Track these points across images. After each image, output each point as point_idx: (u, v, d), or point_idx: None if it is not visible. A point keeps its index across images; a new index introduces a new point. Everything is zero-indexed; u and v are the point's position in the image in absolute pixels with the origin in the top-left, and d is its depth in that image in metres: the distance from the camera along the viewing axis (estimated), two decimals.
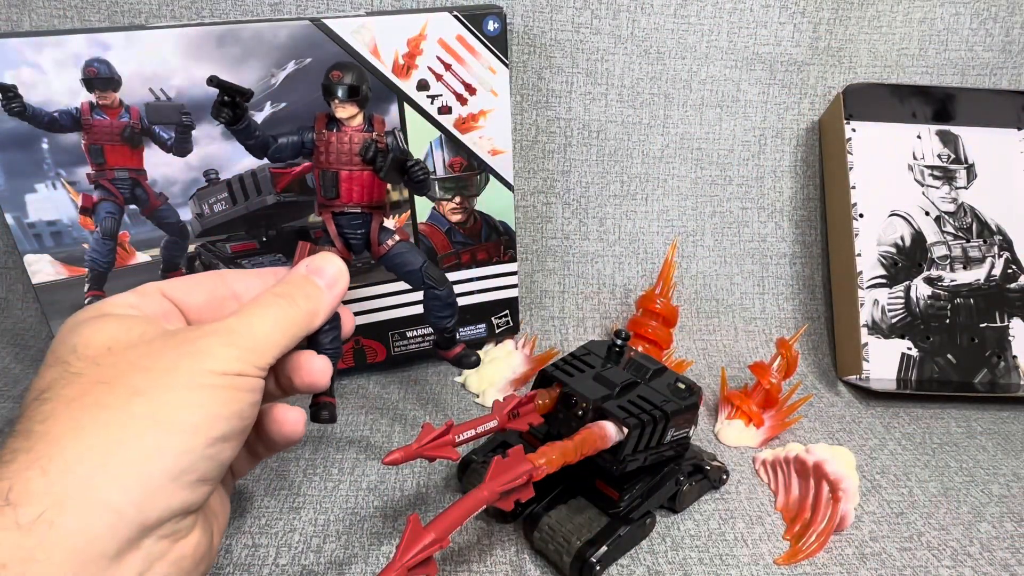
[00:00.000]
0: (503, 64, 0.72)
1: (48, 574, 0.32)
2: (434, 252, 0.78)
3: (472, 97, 0.73)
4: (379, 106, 0.70)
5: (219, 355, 0.40)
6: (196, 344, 0.40)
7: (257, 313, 0.44)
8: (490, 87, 0.73)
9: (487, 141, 0.75)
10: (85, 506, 0.34)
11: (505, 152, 0.77)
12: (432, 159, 0.74)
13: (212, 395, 0.39)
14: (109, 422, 0.36)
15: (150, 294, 0.46)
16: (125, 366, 0.39)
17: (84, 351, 0.39)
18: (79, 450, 0.35)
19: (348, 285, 0.50)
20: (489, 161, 0.77)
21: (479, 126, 0.74)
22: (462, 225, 0.78)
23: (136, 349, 0.40)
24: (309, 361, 0.48)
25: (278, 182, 0.70)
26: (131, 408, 0.37)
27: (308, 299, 0.47)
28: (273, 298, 0.45)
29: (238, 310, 0.44)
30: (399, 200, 0.75)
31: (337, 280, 0.49)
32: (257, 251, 0.72)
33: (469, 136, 0.74)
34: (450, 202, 0.77)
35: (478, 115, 0.74)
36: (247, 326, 0.43)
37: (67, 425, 0.36)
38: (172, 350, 0.40)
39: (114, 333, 0.41)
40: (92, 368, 0.39)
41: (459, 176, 0.76)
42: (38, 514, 0.33)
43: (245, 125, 0.53)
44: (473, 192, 0.77)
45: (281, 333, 0.44)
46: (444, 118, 0.73)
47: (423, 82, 0.70)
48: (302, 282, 0.48)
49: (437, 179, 0.75)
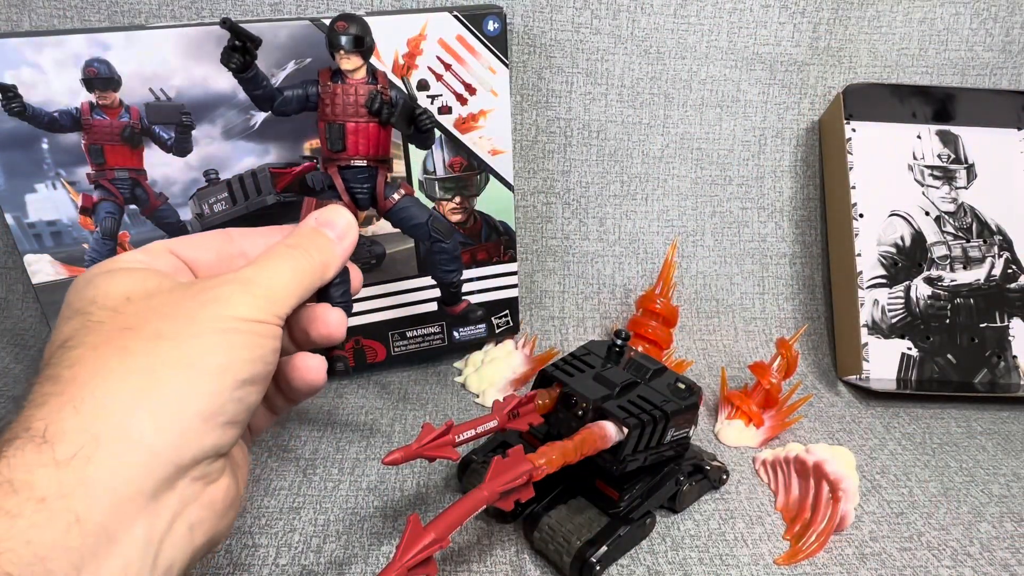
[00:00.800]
0: (503, 64, 0.72)
1: (87, 509, 0.32)
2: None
3: (472, 97, 0.73)
4: None
5: (239, 302, 0.40)
6: (214, 292, 0.41)
7: (272, 264, 0.44)
8: (490, 87, 0.73)
9: (487, 141, 0.75)
10: (121, 444, 0.34)
11: (505, 152, 0.77)
12: (432, 159, 0.74)
13: (236, 339, 0.39)
14: (137, 365, 0.36)
15: (158, 252, 0.46)
16: (147, 313, 0.39)
17: (104, 301, 0.40)
18: (110, 392, 0.35)
19: (357, 237, 0.51)
20: (489, 161, 0.77)
21: (479, 126, 0.74)
22: (462, 225, 0.78)
23: (155, 298, 0.40)
24: (325, 313, 0.49)
25: (278, 182, 0.70)
26: (158, 352, 0.37)
27: (320, 250, 0.47)
28: (286, 249, 0.46)
29: (252, 261, 0.44)
30: None
31: (347, 232, 0.50)
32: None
33: (469, 136, 0.74)
34: (450, 202, 0.77)
35: (478, 115, 0.74)
36: (263, 276, 0.43)
37: (96, 369, 0.36)
38: (191, 299, 0.40)
39: (130, 285, 0.41)
40: (114, 316, 0.39)
41: (459, 176, 0.76)
42: (75, 451, 0.33)
43: (253, 74, 0.53)
44: (473, 192, 0.77)
45: (297, 283, 0.44)
46: (444, 118, 0.73)
47: (423, 82, 0.70)
48: (313, 234, 0.48)
49: (437, 179, 0.75)
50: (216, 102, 0.65)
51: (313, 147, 0.70)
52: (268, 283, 0.43)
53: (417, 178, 0.75)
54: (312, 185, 0.71)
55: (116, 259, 0.44)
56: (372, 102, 0.52)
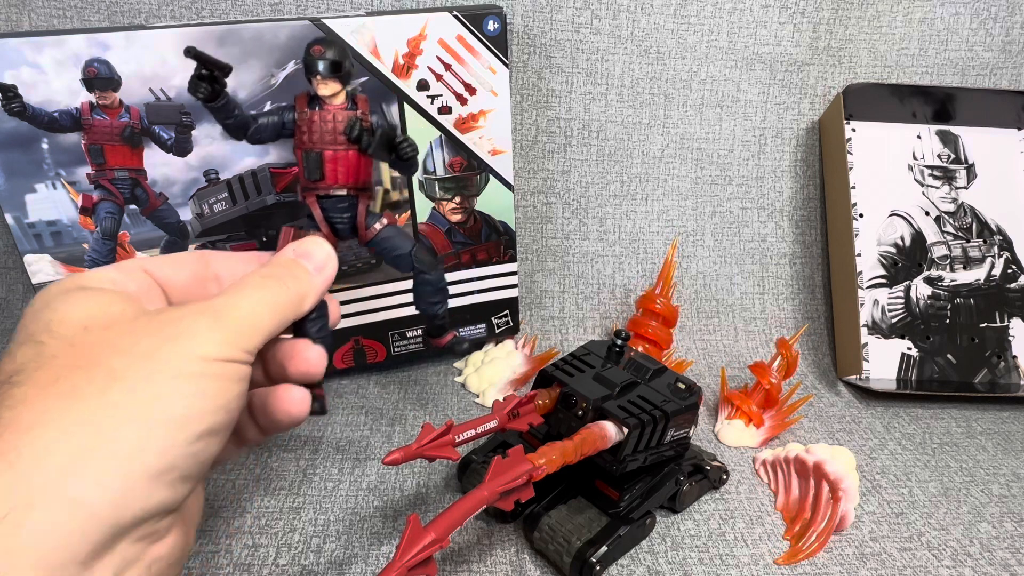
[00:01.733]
0: (503, 64, 0.72)
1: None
2: (434, 252, 0.78)
3: (472, 97, 0.73)
4: (379, 106, 0.70)
5: (205, 338, 0.37)
6: (180, 325, 0.37)
7: (245, 294, 0.41)
8: (490, 87, 0.73)
9: (487, 141, 0.75)
10: (56, 505, 0.31)
11: (505, 152, 0.77)
12: (432, 159, 0.74)
13: (197, 385, 0.36)
14: (85, 414, 0.33)
15: (131, 270, 0.43)
16: (103, 348, 0.36)
17: (59, 328, 0.36)
18: (51, 442, 0.32)
19: (337, 270, 0.48)
20: (489, 161, 0.77)
21: (479, 126, 0.74)
22: (462, 225, 0.78)
23: (114, 329, 0.37)
24: (305, 349, 0.46)
25: (278, 182, 0.70)
26: (109, 397, 0.34)
27: (297, 281, 0.45)
28: (261, 279, 0.43)
29: (225, 290, 0.41)
30: (399, 200, 0.75)
31: (326, 264, 0.47)
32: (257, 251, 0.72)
33: (469, 136, 0.74)
34: (450, 202, 0.77)
35: (478, 115, 0.74)
36: (234, 307, 0.40)
37: (39, 414, 0.33)
38: (154, 332, 0.37)
39: (91, 310, 0.37)
40: (67, 349, 0.35)
41: (459, 176, 0.76)
42: (4, 514, 0.30)
43: (224, 103, 0.50)
44: (473, 192, 0.77)
45: (270, 316, 0.41)
46: (444, 118, 0.73)
47: (423, 82, 0.70)
48: (290, 265, 0.45)
49: (437, 179, 0.75)
50: None
51: None
52: (240, 315, 0.40)
53: (417, 178, 0.75)
54: None
55: (80, 277, 0.41)
56: (351, 129, 0.50)
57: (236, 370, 0.38)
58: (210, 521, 0.58)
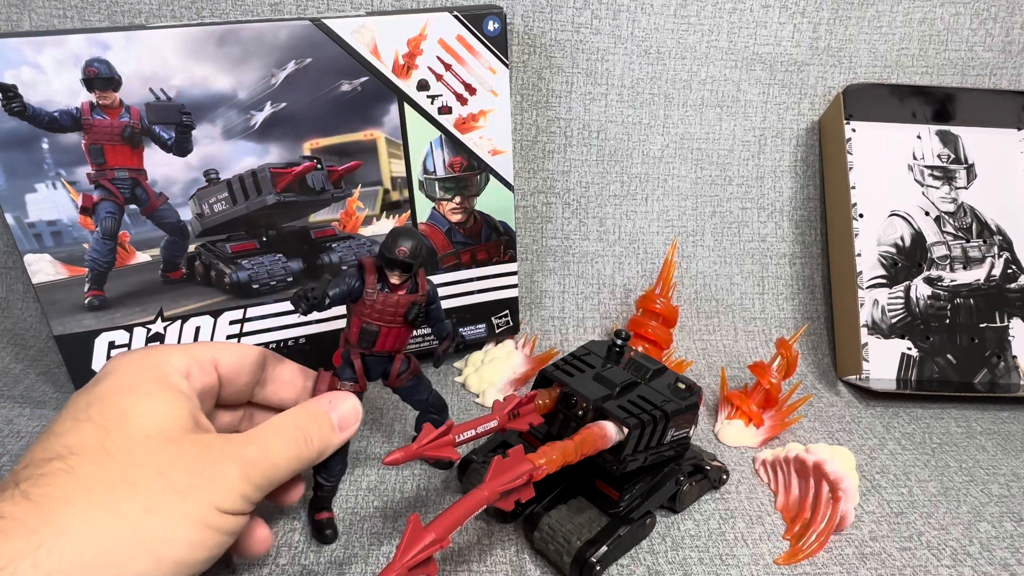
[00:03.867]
0: (503, 64, 0.72)
1: None
2: (434, 252, 0.78)
3: (472, 97, 0.73)
4: (379, 106, 0.70)
5: (228, 490, 0.42)
6: (215, 469, 0.42)
7: (274, 445, 0.46)
8: (490, 87, 0.73)
9: (487, 141, 0.75)
10: None
11: (505, 152, 0.77)
12: (432, 159, 0.74)
13: (204, 535, 0.41)
14: (115, 533, 0.38)
15: (204, 365, 0.50)
16: (154, 465, 0.41)
17: (128, 429, 0.41)
18: (76, 553, 0.36)
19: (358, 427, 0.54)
20: (489, 161, 0.76)
21: (479, 126, 0.74)
22: (462, 225, 0.78)
23: (169, 447, 0.42)
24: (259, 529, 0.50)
25: (278, 182, 0.70)
26: (139, 527, 0.38)
27: (321, 440, 0.50)
28: (292, 431, 0.48)
29: (259, 433, 0.46)
30: (399, 200, 0.75)
31: (351, 425, 0.53)
32: (257, 251, 0.72)
33: (469, 136, 0.74)
34: (450, 202, 0.77)
35: (478, 115, 0.74)
36: (262, 459, 0.45)
37: (77, 520, 0.37)
38: (194, 468, 0.42)
39: (159, 419, 0.43)
40: (126, 455, 0.40)
41: (459, 176, 0.76)
42: None
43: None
44: (473, 192, 0.77)
45: (288, 468, 0.47)
46: (444, 118, 0.73)
47: (423, 82, 0.70)
48: (320, 418, 0.50)
49: (437, 179, 0.75)
50: (216, 102, 0.65)
51: (314, 147, 0.70)
52: (264, 467, 0.45)
53: (417, 178, 0.75)
54: (312, 185, 0.71)
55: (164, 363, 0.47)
56: (410, 313, 0.54)
57: (237, 523, 0.44)
58: None
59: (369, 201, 0.74)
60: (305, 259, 0.74)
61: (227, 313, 0.73)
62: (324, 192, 0.72)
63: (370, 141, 0.71)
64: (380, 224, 0.75)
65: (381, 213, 0.75)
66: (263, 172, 0.69)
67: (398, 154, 0.73)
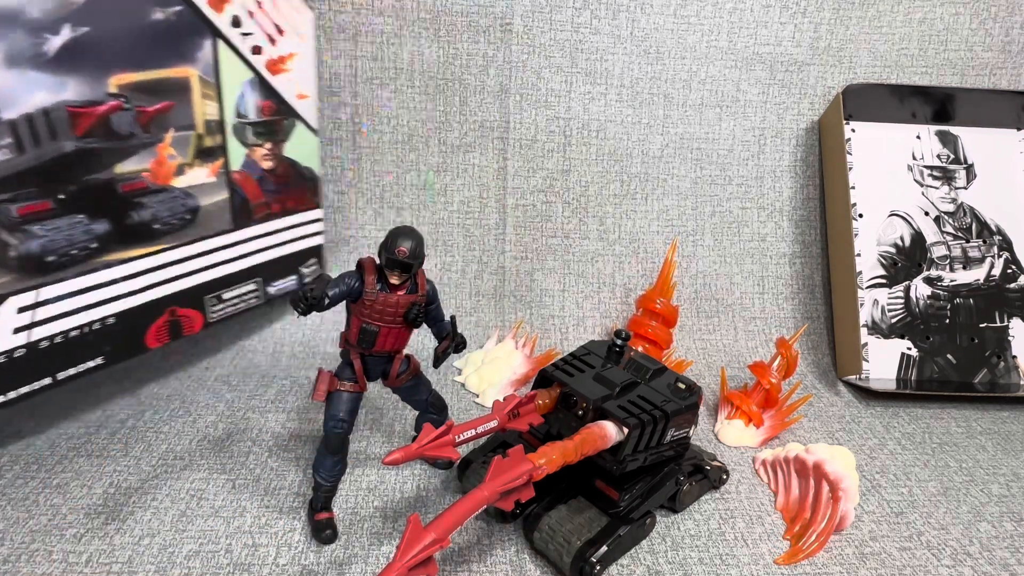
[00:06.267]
0: (308, 7, 0.71)
1: None
2: (248, 202, 0.73)
3: (281, 38, 0.71)
4: (193, 40, 0.64)
5: None
6: None
7: None
8: (297, 30, 0.71)
9: (294, 84, 0.73)
10: None
11: (309, 97, 0.74)
12: (245, 102, 0.70)
13: None
14: None
15: None
16: None
17: None
18: None
19: None
20: (295, 105, 0.74)
21: (287, 68, 0.72)
22: (272, 172, 0.75)
23: None
24: None
25: (78, 124, 0.58)
26: None
27: None
28: None
29: None
30: (213, 146, 0.69)
31: None
32: (52, 212, 0.58)
33: (279, 79, 0.72)
34: (261, 148, 0.73)
35: (287, 57, 0.72)
36: None
37: None
38: None
39: None
40: None
41: (269, 120, 0.73)
42: None
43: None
44: (282, 138, 0.75)
45: None
46: (256, 59, 0.69)
47: (236, 18, 0.66)
48: None
49: (250, 123, 0.72)
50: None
51: (121, 83, 0.60)
52: None
53: (231, 123, 0.70)
54: (119, 129, 0.61)
55: None
56: (410, 312, 0.54)
57: None
58: (210, 521, 0.58)
59: (181, 148, 0.66)
60: (112, 219, 0.62)
61: (12, 299, 0.57)
62: (132, 137, 0.62)
63: (183, 79, 0.63)
64: (193, 173, 0.67)
65: (194, 161, 0.67)
66: (58, 111, 0.56)
67: (211, 95, 0.67)
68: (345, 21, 0.85)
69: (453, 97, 0.89)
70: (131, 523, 0.57)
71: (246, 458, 0.66)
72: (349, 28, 0.86)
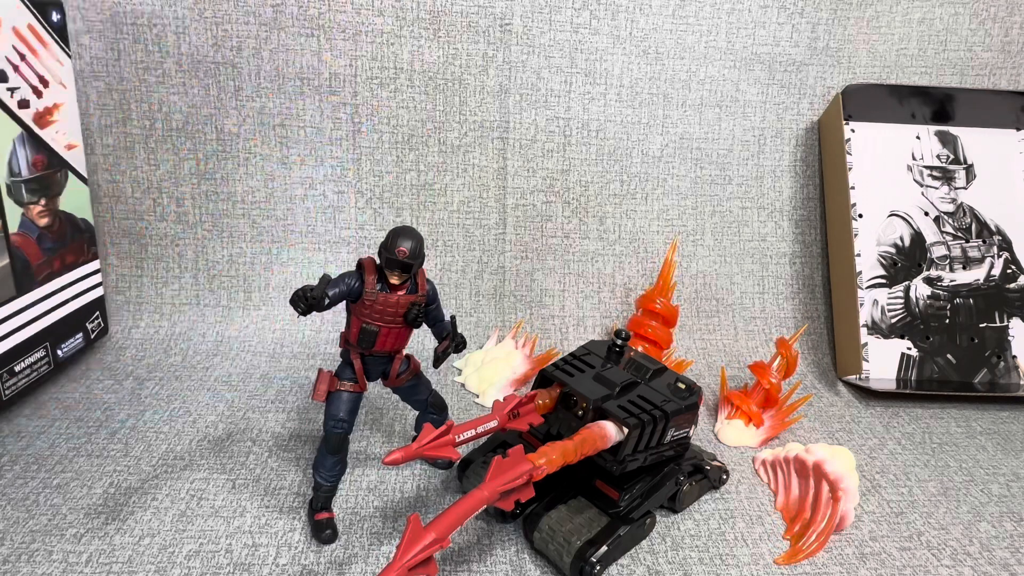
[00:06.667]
0: (67, 55, 0.71)
1: None
2: (29, 265, 0.70)
3: (47, 90, 0.70)
4: None
5: None
6: None
7: None
8: (59, 79, 0.71)
9: (63, 135, 0.73)
10: None
11: (78, 146, 0.74)
12: (17, 159, 0.68)
13: None
14: None
15: None
16: None
17: None
18: None
19: None
20: (66, 156, 0.74)
21: (55, 120, 0.72)
22: (49, 228, 0.73)
23: None
24: None
25: None
26: None
27: None
28: None
29: None
30: None
31: None
32: None
33: (47, 131, 0.71)
34: (37, 205, 0.72)
35: (53, 108, 0.72)
36: None
37: None
38: None
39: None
40: None
41: (42, 175, 0.72)
42: None
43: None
44: (56, 192, 0.74)
45: None
46: (24, 112, 0.68)
47: (3, 73, 0.65)
48: None
49: (23, 181, 0.70)
50: None
51: None
52: None
53: (4, 183, 0.67)
54: None
55: None
56: (410, 313, 0.54)
57: None
58: (210, 521, 0.58)
59: None
60: None
61: None
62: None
63: None
64: None
65: None
66: None
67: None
68: (345, 21, 0.86)
69: (453, 97, 0.89)
70: (131, 523, 0.57)
71: (246, 458, 0.66)
72: (349, 28, 0.86)
